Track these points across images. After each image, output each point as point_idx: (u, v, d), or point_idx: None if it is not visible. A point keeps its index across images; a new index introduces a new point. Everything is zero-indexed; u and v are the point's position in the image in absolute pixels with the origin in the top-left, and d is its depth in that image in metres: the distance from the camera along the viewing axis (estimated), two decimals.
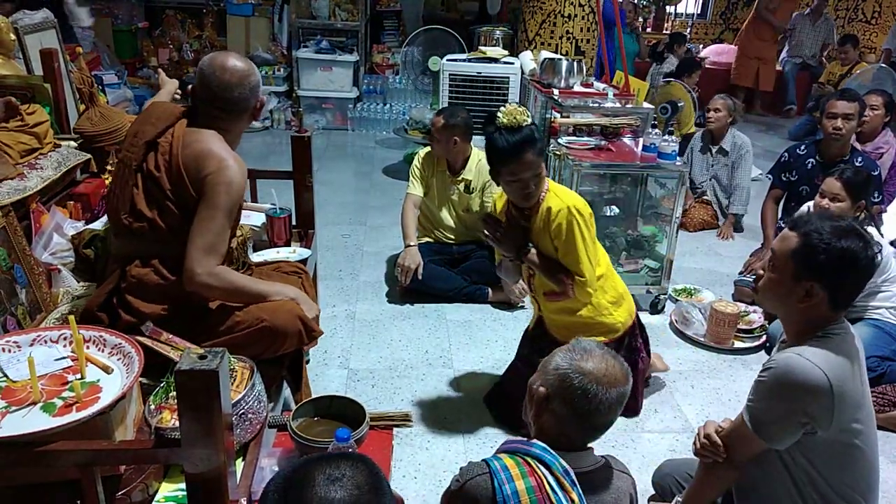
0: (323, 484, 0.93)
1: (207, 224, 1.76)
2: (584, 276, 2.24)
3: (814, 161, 3.58)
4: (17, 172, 2.23)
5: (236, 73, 1.83)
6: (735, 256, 4.12)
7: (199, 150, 1.78)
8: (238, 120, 1.90)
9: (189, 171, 1.77)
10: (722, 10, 10.19)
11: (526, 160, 2.15)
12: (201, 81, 1.84)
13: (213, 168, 1.76)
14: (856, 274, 1.51)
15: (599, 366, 1.38)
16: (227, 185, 1.76)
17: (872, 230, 2.80)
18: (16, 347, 1.53)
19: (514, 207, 2.33)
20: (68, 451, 1.26)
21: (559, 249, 2.25)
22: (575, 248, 2.22)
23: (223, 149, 1.81)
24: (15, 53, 2.98)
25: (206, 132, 1.83)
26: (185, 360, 1.16)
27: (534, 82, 4.36)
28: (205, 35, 6.76)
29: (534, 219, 2.27)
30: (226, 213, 1.78)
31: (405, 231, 3.42)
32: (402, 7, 7.63)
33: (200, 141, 1.80)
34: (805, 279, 1.52)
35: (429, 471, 2.28)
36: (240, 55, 1.91)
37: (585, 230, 2.22)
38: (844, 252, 1.48)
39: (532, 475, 1.31)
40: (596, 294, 2.33)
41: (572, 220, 2.19)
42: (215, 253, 1.77)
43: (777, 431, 1.53)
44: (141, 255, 1.83)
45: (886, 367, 2.74)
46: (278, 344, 1.91)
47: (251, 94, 1.86)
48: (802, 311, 1.56)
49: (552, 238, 2.24)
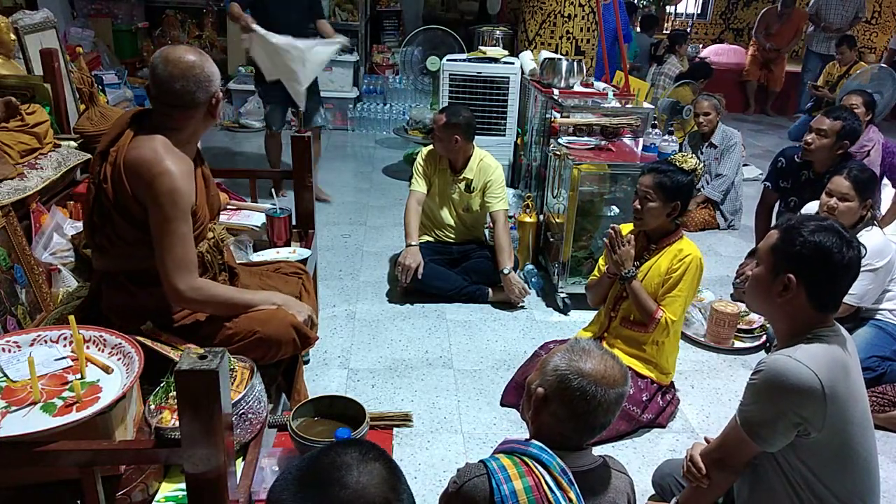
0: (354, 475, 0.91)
1: (168, 238, 1.69)
2: (675, 318, 2.45)
3: (808, 174, 3.46)
4: (18, 172, 2.23)
5: (180, 64, 1.72)
6: (734, 256, 4.13)
7: (134, 157, 1.69)
8: (187, 117, 1.77)
9: (130, 181, 1.70)
10: (722, 10, 10.20)
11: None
12: (150, 76, 1.78)
13: (150, 178, 1.67)
14: (829, 269, 1.51)
15: (598, 367, 1.38)
16: (170, 194, 1.68)
17: (876, 230, 2.79)
18: (16, 347, 1.53)
19: (646, 237, 2.56)
20: (68, 450, 1.26)
21: (667, 283, 2.46)
22: (682, 290, 2.44)
23: (160, 155, 1.69)
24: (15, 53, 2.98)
25: (148, 138, 1.72)
26: (185, 360, 1.17)
27: (534, 82, 4.36)
28: (205, 35, 6.77)
29: (659, 252, 2.50)
30: (180, 221, 1.70)
31: (407, 229, 3.41)
32: (402, 7, 7.63)
33: (138, 147, 1.71)
34: (783, 271, 1.54)
35: (429, 471, 2.28)
36: (195, 49, 1.79)
37: (696, 282, 2.47)
38: (818, 246, 1.50)
39: (530, 475, 1.30)
40: (663, 342, 2.52)
41: (694, 269, 2.44)
42: (188, 264, 1.74)
43: (770, 434, 1.53)
44: (109, 271, 1.81)
45: (886, 366, 2.73)
46: (273, 352, 1.91)
47: (197, 87, 1.73)
48: (784, 309, 1.57)
49: (669, 271, 2.45)
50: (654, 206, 2.43)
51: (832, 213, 2.76)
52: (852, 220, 2.73)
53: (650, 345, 2.53)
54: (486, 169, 3.48)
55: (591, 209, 3.53)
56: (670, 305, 2.45)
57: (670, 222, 2.49)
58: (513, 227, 3.74)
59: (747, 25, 9.97)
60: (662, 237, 2.51)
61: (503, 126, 4.75)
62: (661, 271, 2.46)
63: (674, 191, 2.41)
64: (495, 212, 3.45)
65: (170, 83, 1.72)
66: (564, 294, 3.44)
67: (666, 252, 2.48)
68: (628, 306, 2.54)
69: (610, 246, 2.52)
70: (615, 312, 2.60)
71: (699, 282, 2.51)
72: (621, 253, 2.48)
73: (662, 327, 2.45)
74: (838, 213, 2.74)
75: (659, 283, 2.47)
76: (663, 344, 2.53)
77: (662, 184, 2.41)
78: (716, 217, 4.67)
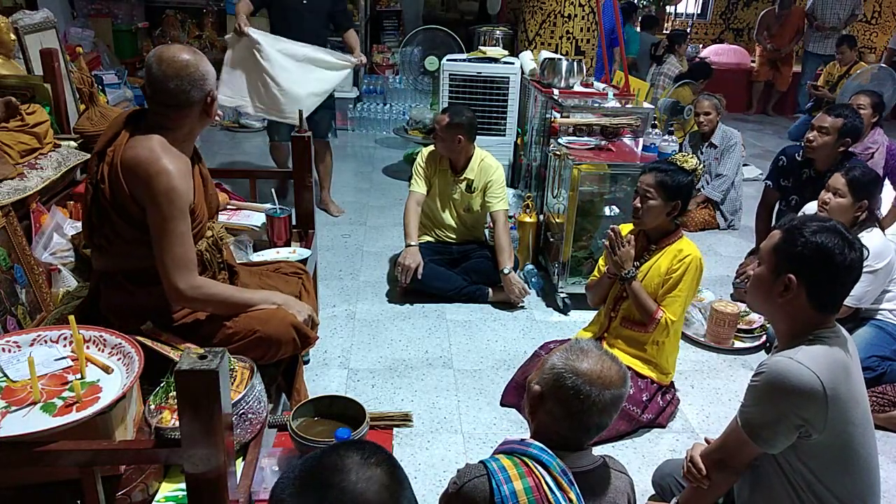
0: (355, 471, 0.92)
1: (167, 238, 1.70)
2: (675, 318, 2.46)
3: (809, 173, 3.46)
4: (18, 172, 2.23)
5: (174, 63, 1.72)
6: (734, 256, 4.13)
7: (131, 157, 1.70)
8: (182, 116, 1.77)
9: (127, 180, 1.70)
10: (722, 10, 10.19)
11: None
12: (145, 76, 1.78)
13: (147, 177, 1.67)
14: (831, 270, 1.51)
15: (594, 367, 1.38)
16: (167, 193, 1.68)
17: (877, 231, 2.79)
18: (16, 347, 1.53)
19: (645, 237, 2.57)
20: (68, 450, 1.26)
21: (667, 283, 2.46)
22: (682, 291, 2.44)
23: (157, 154, 1.70)
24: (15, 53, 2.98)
25: (145, 137, 1.73)
26: (186, 360, 1.17)
27: (534, 82, 4.36)
28: (205, 35, 6.76)
29: (659, 252, 2.50)
30: (179, 220, 1.71)
31: (407, 230, 3.41)
32: (402, 7, 7.63)
33: (135, 147, 1.71)
34: (784, 272, 1.54)
35: (429, 470, 2.29)
36: (189, 48, 1.80)
37: (695, 282, 2.48)
38: (820, 247, 1.50)
39: (530, 475, 1.30)
40: (663, 342, 2.52)
41: (694, 269, 2.44)
42: (188, 263, 1.74)
43: (771, 436, 1.53)
44: (108, 271, 1.82)
45: (886, 366, 2.73)
46: (273, 352, 1.91)
47: (191, 86, 1.73)
48: (785, 309, 1.57)
49: (669, 272, 2.45)
50: (654, 205, 2.44)
51: (825, 206, 2.77)
52: (844, 218, 2.72)
53: (650, 345, 2.53)
54: (487, 169, 3.48)
55: (591, 209, 3.53)
56: (670, 306, 2.45)
57: (670, 222, 2.49)
58: (513, 227, 3.74)
59: (747, 25, 9.98)
60: (662, 237, 2.51)
61: (503, 126, 4.75)
62: (661, 271, 2.47)
63: (675, 190, 2.42)
64: (495, 212, 3.45)
65: (164, 82, 1.72)
66: (564, 294, 3.44)
67: (666, 252, 2.48)
68: (628, 306, 2.54)
69: (610, 247, 2.52)
70: (615, 313, 2.60)
71: (699, 282, 2.51)
72: (621, 254, 2.49)
73: (662, 327, 2.45)
74: (830, 209, 2.75)
75: (659, 284, 2.47)
76: (663, 344, 2.53)
77: (664, 182, 2.41)
78: (716, 217, 4.67)
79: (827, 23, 7.77)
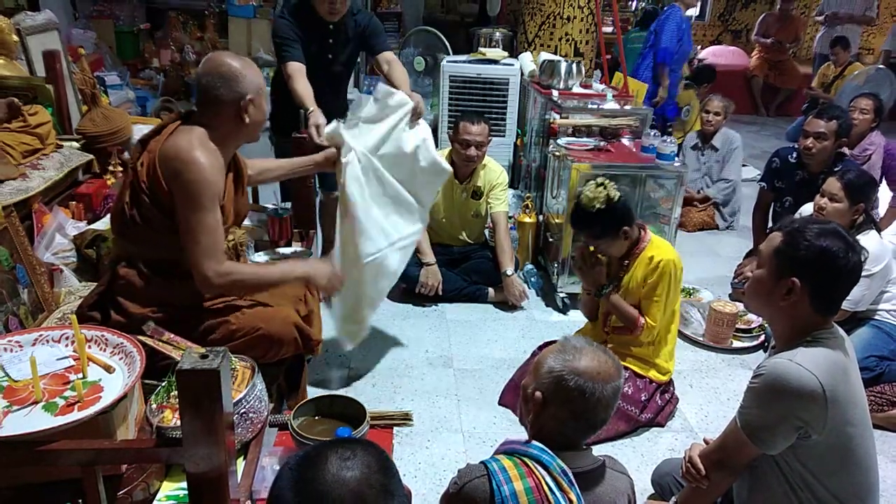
0: (336, 462, 0.95)
1: (198, 227, 1.73)
2: (654, 322, 2.48)
3: (801, 175, 3.44)
4: (20, 173, 2.25)
5: (211, 61, 1.81)
6: (733, 256, 4.13)
7: (170, 144, 1.76)
8: (214, 114, 1.82)
9: (161, 166, 1.75)
10: (720, 11, 10.19)
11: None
12: None
13: (179, 165, 1.72)
14: (834, 273, 1.51)
15: (592, 363, 1.38)
16: (196, 184, 1.72)
17: (874, 234, 2.79)
18: (18, 347, 1.54)
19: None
20: (70, 450, 1.27)
21: (645, 290, 2.49)
22: (658, 295, 2.47)
23: (194, 145, 1.74)
24: (17, 54, 2.99)
25: (188, 129, 1.80)
26: (187, 359, 1.17)
27: (533, 83, 4.37)
28: (207, 37, 6.76)
29: (633, 264, 2.52)
30: (206, 211, 1.74)
31: (421, 247, 3.26)
32: (403, 9, 7.63)
33: (175, 137, 1.78)
34: (786, 276, 1.53)
35: (429, 470, 2.29)
36: (240, 56, 1.88)
37: (673, 284, 2.49)
38: (824, 250, 1.49)
39: (530, 476, 1.31)
40: (659, 341, 2.57)
41: (669, 273, 2.46)
42: (217, 252, 1.77)
43: (770, 437, 1.53)
44: (129, 256, 1.84)
45: (885, 366, 2.74)
46: (274, 351, 1.92)
47: (221, 83, 1.78)
48: (786, 311, 1.57)
49: (645, 279, 2.48)
50: (607, 245, 2.51)
51: (821, 212, 2.78)
52: (841, 223, 2.72)
53: (646, 346, 2.57)
54: (492, 173, 3.48)
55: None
56: (648, 310, 2.49)
57: (625, 242, 2.51)
58: (512, 227, 3.74)
59: (745, 27, 9.96)
60: (629, 251, 2.54)
61: (503, 127, 4.75)
62: (639, 281, 2.50)
63: (603, 227, 2.47)
64: (496, 213, 3.45)
65: (199, 78, 1.82)
66: (564, 294, 3.45)
67: (639, 262, 2.51)
68: (616, 318, 2.61)
69: (577, 267, 2.62)
70: (607, 328, 2.66)
71: (679, 281, 2.53)
72: (593, 274, 2.57)
73: (647, 332, 2.50)
74: (827, 214, 2.75)
75: (642, 293, 2.51)
76: (660, 343, 2.56)
77: (593, 230, 2.51)
78: (715, 217, 4.68)
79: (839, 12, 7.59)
